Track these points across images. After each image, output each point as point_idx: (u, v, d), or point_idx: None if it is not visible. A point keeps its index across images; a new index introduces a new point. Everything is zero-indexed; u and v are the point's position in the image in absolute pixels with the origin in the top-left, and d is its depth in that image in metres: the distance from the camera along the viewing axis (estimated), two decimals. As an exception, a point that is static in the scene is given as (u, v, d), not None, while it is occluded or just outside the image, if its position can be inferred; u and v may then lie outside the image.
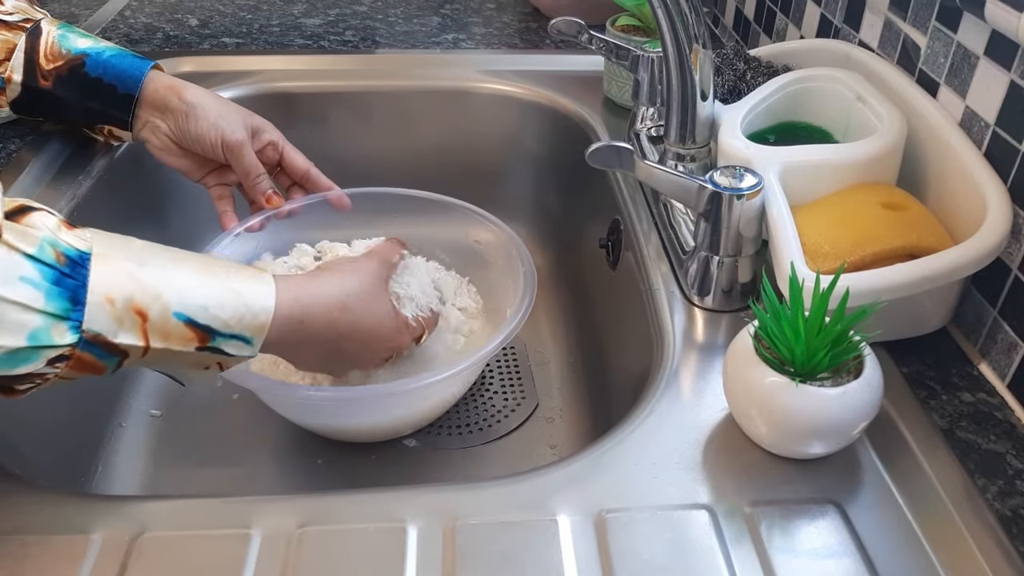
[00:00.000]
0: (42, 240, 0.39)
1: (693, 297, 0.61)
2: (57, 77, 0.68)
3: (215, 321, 0.45)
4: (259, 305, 0.47)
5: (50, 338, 0.39)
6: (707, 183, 0.56)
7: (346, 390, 0.62)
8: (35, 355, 0.39)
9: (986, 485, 0.47)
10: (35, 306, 0.38)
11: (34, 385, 0.41)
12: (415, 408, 0.66)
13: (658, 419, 0.51)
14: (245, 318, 0.46)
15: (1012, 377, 0.53)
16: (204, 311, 0.44)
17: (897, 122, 0.60)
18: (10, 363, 0.38)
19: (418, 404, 0.66)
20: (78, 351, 0.40)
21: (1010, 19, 0.50)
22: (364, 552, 0.43)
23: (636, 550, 0.43)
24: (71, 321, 0.40)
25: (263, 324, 0.47)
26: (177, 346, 0.44)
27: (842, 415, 0.45)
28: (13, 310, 0.38)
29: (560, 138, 0.92)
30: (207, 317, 0.44)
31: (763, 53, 0.77)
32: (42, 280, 0.39)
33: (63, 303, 0.39)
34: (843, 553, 0.43)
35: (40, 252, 0.39)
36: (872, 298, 0.48)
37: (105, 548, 0.42)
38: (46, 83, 0.68)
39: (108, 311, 0.41)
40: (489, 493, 0.46)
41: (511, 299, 0.66)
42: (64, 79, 0.68)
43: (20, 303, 0.38)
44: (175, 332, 0.43)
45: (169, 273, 0.44)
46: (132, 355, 0.43)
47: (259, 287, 0.48)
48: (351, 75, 0.95)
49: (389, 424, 0.67)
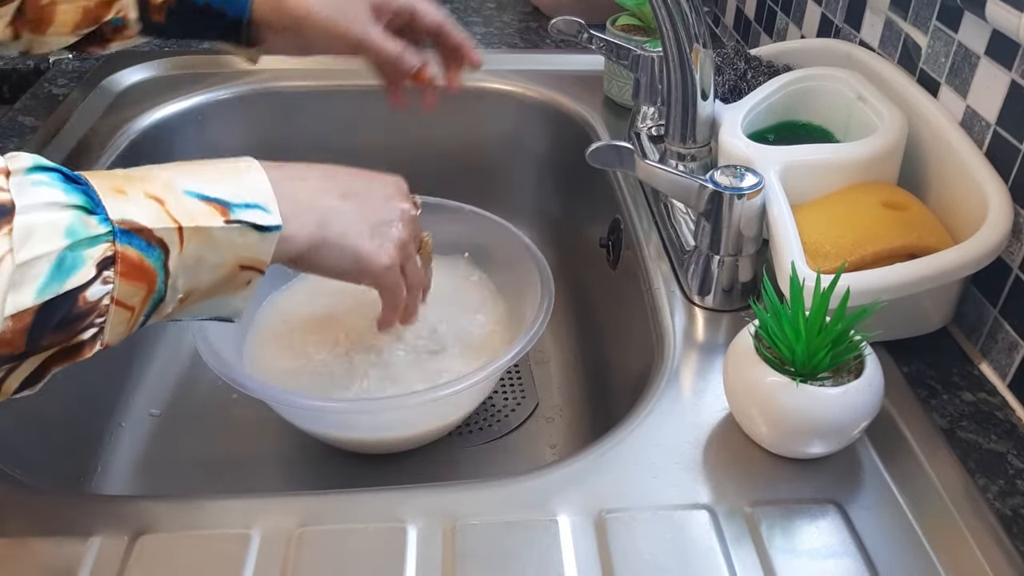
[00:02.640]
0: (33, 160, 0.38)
1: (694, 296, 0.61)
2: (168, 11, 0.67)
3: (224, 194, 0.43)
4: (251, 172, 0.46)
5: (86, 230, 0.37)
6: (707, 182, 0.56)
7: (361, 402, 0.61)
8: (80, 258, 0.37)
9: (987, 485, 0.47)
10: (60, 201, 0.37)
11: (96, 329, 0.39)
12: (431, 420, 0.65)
13: (658, 419, 0.51)
14: (246, 187, 0.45)
15: (1013, 377, 0.53)
16: (210, 187, 0.43)
17: (898, 121, 0.60)
18: (60, 275, 0.36)
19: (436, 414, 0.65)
20: (119, 246, 0.38)
21: (1011, 19, 0.50)
22: (364, 552, 0.43)
23: (636, 550, 0.43)
24: (98, 215, 0.38)
25: (266, 189, 0.45)
26: (205, 222, 0.42)
27: (842, 415, 0.45)
28: (41, 212, 0.36)
29: (560, 138, 0.92)
30: (216, 192, 0.43)
31: (764, 52, 0.77)
32: (54, 180, 0.38)
33: (83, 197, 0.38)
34: (843, 553, 0.43)
35: (38, 162, 0.38)
36: (872, 298, 0.48)
37: (104, 548, 0.42)
38: (159, 17, 0.67)
39: (126, 201, 0.40)
40: (489, 493, 0.46)
41: (521, 301, 0.65)
42: (174, 11, 0.67)
43: (45, 203, 0.37)
44: (196, 209, 0.42)
45: (157, 171, 0.43)
46: (171, 245, 0.41)
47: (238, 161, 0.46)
48: (351, 75, 0.95)
49: (404, 436, 0.67)
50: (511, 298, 0.74)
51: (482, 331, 0.72)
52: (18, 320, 0.35)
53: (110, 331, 0.40)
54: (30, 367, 0.38)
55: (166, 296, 0.42)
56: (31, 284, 0.36)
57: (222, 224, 0.42)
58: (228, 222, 0.43)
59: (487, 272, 0.76)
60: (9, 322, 0.35)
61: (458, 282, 0.75)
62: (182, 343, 0.80)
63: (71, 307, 0.37)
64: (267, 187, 0.45)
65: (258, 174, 0.46)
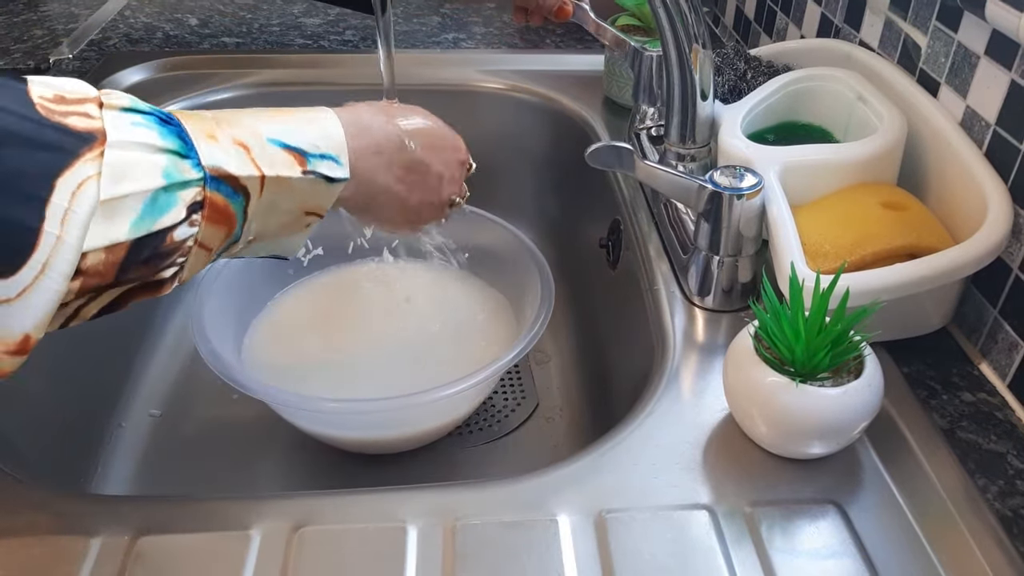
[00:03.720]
0: (130, 100, 0.40)
1: (693, 297, 0.61)
2: None
3: (303, 143, 0.46)
4: (329, 122, 0.48)
5: (180, 174, 0.39)
6: (707, 183, 0.56)
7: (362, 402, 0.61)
8: (174, 198, 0.39)
9: (987, 485, 0.47)
10: (156, 144, 0.38)
11: (178, 267, 0.41)
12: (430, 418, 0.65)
13: (658, 419, 0.51)
14: (323, 138, 0.47)
15: (1013, 377, 0.53)
16: (291, 135, 0.45)
17: (897, 122, 0.60)
18: (153, 211, 0.38)
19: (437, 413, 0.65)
20: (208, 191, 0.40)
21: (1010, 18, 0.50)
22: (364, 552, 0.43)
23: (636, 550, 0.43)
24: (191, 159, 0.40)
25: (340, 140, 0.48)
26: (285, 171, 0.44)
27: (842, 415, 0.45)
28: (140, 151, 0.38)
29: (560, 138, 0.92)
30: (296, 140, 0.45)
31: (764, 53, 0.77)
32: (150, 123, 0.39)
33: (177, 141, 0.40)
34: (843, 553, 0.43)
35: (135, 104, 0.40)
36: (872, 298, 0.48)
37: (105, 548, 0.42)
38: None
39: (216, 147, 0.41)
40: (489, 493, 0.46)
41: (521, 302, 0.65)
42: None
43: (143, 143, 0.38)
44: (278, 158, 0.44)
45: (243, 116, 0.45)
46: (252, 192, 0.43)
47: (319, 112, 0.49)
48: (351, 75, 0.95)
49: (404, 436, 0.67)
50: (511, 298, 0.74)
51: (482, 332, 0.72)
52: (112, 253, 0.37)
53: (188, 270, 0.42)
54: (110, 296, 0.39)
55: (240, 238, 0.44)
56: (126, 217, 0.37)
57: (299, 175, 0.45)
58: (305, 172, 0.45)
59: (487, 272, 0.76)
60: (103, 254, 0.37)
61: (458, 282, 0.75)
62: (182, 343, 0.80)
63: (159, 245, 0.39)
64: (341, 137, 0.48)
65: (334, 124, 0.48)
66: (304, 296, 0.76)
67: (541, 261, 0.67)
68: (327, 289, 0.77)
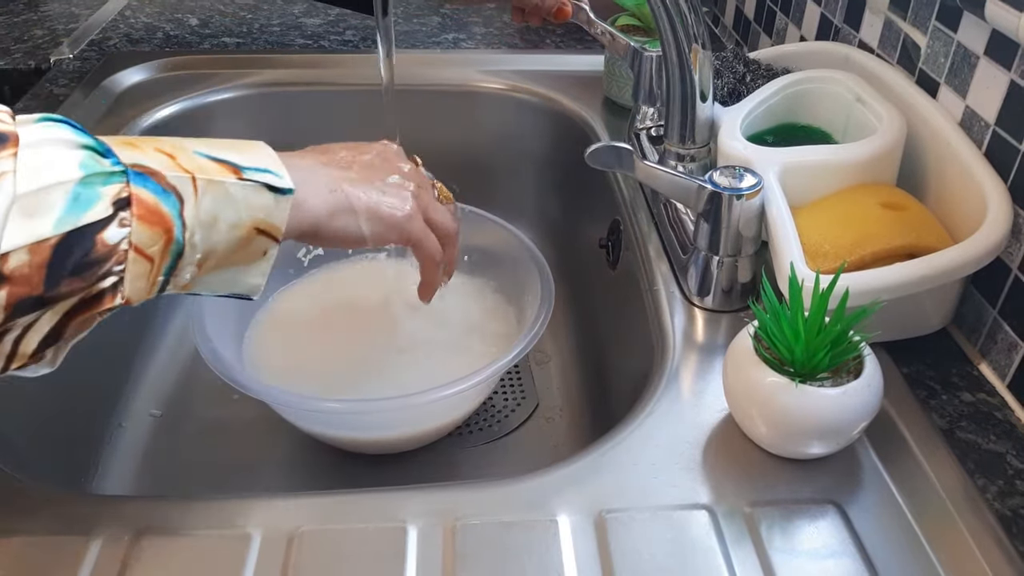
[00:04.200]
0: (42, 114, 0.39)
1: (693, 297, 0.61)
2: None
3: (234, 158, 0.44)
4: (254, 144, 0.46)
5: (99, 166, 0.38)
6: (706, 183, 0.57)
7: (362, 403, 0.61)
8: (95, 193, 0.37)
9: (986, 485, 0.47)
10: (73, 140, 0.38)
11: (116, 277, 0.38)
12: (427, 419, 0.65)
13: (658, 419, 0.51)
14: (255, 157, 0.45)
15: (1012, 377, 0.53)
16: (218, 152, 0.43)
17: (896, 122, 0.60)
18: (77, 208, 0.36)
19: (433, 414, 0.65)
20: (133, 187, 0.38)
21: (1010, 18, 0.50)
22: (364, 552, 0.43)
23: (636, 550, 0.43)
24: (110, 157, 0.39)
25: (271, 156, 0.45)
26: (217, 176, 0.42)
27: (842, 415, 0.45)
28: (56, 147, 0.37)
29: (560, 138, 0.92)
30: (225, 156, 0.43)
31: (763, 56, 0.77)
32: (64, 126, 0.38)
33: (94, 140, 0.39)
34: (843, 553, 0.43)
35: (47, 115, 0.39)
36: (872, 298, 0.48)
37: (105, 548, 0.42)
38: None
39: (137, 151, 0.40)
40: (489, 493, 0.46)
41: (521, 302, 0.64)
42: None
43: (58, 139, 0.37)
44: (208, 166, 0.42)
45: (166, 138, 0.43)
46: (186, 196, 0.41)
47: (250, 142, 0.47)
48: (351, 75, 0.95)
49: (404, 436, 0.67)
50: (511, 298, 0.74)
51: (482, 332, 0.72)
52: (36, 253, 0.35)
53: (130, 283, 0.39)
54: (49, 322, 0.37)
55: (184, 251, 0.41)
56: (48, 214, 0.35)
57: (235, 180, 0.43)
58: (241, 179, 0.43)
59: (487, 273, 0.76)
60: (26, 255, 0.34)
61: (458, 283, 0.75)
62: (182, 343, 0.80)
63: (89, 248, 0.37)
64: (275, 157, 0.46)
65: (264, 148, 0.46)
66: (304, 296, 0.76)
67: (541, 261, 0.67)
68: (327, 289, 0.77)
